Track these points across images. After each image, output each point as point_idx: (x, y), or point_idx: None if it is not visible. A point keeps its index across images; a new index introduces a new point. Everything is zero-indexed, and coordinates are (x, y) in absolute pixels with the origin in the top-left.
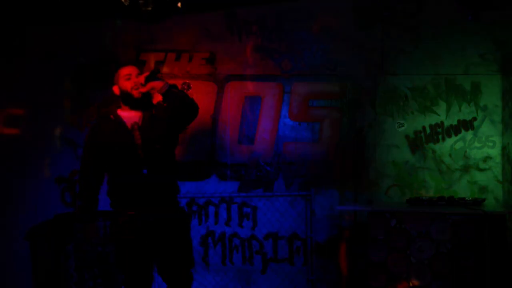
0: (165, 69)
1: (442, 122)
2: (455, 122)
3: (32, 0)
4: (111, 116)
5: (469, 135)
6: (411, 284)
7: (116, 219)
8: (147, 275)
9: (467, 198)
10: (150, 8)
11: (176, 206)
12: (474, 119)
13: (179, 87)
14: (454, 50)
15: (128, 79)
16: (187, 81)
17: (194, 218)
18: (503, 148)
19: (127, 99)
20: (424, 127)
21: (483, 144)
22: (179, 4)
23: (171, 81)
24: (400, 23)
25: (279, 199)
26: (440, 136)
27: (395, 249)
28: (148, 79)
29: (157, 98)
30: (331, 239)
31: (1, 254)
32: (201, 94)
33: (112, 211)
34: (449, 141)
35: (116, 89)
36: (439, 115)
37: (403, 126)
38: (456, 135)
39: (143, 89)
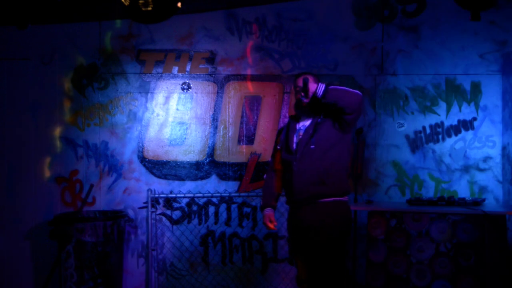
0: (165, 69)
1: (442, 122)
2: (455, 122)
3: (32, 0)
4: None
5: (469, 135)
6: (411, 284)
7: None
8: None
9: (467, 198)
10: (150, 8)
11: None
12: (474, 119)
13: (179, 87)
14: (454, 50)
15: (296, 91)
16: (187, 81)
17: (194, 218)
18: (503, 148)
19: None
20: (424, 127)
21: (483, 144)
22: (179, 4)
23: (171, 81)
24: (400, 23)
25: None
26: (440, 136)
27: (395, 249)
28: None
29: None
30: None
31: (1, 254)
32: (201, 94)
33: None
34: (449, 141)
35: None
36: (439, 115)
37: (403, 126)
38: (456, 135)
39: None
